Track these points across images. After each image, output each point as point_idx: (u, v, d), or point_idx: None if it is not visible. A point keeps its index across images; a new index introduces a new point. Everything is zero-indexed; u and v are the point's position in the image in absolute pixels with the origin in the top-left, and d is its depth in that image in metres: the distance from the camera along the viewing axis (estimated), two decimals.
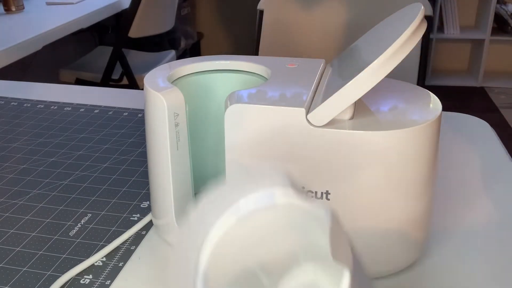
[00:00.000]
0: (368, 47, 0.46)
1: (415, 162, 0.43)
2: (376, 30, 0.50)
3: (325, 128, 0.42)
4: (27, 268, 0.49)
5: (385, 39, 0.42)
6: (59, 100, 0.88)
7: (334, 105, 0.42)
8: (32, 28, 1.60)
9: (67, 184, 0.63)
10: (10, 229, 0.55)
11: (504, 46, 3.22)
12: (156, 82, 0.49)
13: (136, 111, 0.83)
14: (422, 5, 0.44)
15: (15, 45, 1.45)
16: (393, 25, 0.46)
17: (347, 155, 0.42)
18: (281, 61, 0.53)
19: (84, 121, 0.80)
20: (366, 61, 0.41)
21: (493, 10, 2.95)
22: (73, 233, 0.54)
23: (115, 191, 0.61)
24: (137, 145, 0.72)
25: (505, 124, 2.70)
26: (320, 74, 0.50)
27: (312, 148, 0.43)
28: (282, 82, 0.48)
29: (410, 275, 0.47)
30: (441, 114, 0.45)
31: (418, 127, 0.42)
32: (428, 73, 3.24)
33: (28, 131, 0.77)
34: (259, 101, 0.44)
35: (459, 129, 0.75)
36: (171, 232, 0.51)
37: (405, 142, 0.42)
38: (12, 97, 0.90)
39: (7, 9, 1.81)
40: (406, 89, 0.50)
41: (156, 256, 0.51)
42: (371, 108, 0.45)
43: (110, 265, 0.49)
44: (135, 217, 0.56)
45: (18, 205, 0.59)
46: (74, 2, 1.96)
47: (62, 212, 0.57)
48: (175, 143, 0.48)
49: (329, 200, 0.44)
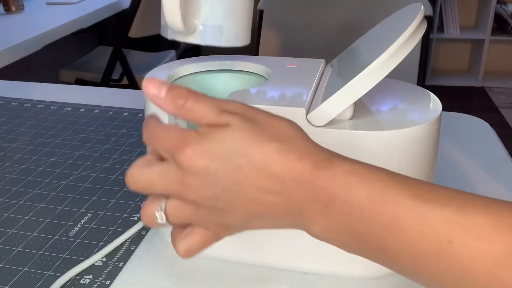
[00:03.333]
0: (368, 47, 0.46)
1: (415, 162, 0.43)
2: (376, 30, 0.50)
3: (325, 128, 0.42)
4: (27, 268, 0.49)
5: (385, 39, 0.42)
6: (59, 100, 0.88)
7: (334, 105, 0.42)
8: (32, 28, 1.60)
9: (67, 184, 0.63)
10: (10, 229, 0.55)
11: (504, 46, 3.22)
12: None
13: (136, 111, 0.83)
14: (422, 5, 0.44)
15: (15, 45, 1.45)
16: (393, 25, 0.46)
17: (347, 155, 0.42)
18: (281, 61, 0.53)
19: (84, 121, 0.80)
20: (366, 61, 0.41)
21: (493, 10, 2.95)
22: (73, 233, 0.54)
23: (115, 191, 0.61)
24: (137, 145, 0.72)
25: (505, 124, 2.70)
26: (320, 74, 0.50)
27: None
28: (282, 82, 0.48)
29: None
30: (441, 114, 0.45)
31: (418, 127, 0.42)
32: (428, 73, 3.24)
33: (28, 131, 0.77)
34: (259, 101, 0.44)
35: (459, 129, 0.75)
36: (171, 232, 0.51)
37: (405, 142, 0.42)
38: (12, 97, 0.90)
39: (7, 9, 1.81)
40: (406, 89, 0.50)
41: (156, 256, 0.51)
42: (371, 108, 0.45)
43: (110, 265, 0.49)
44: (135, 217, 0.56)
45: (18, 205, 0.59)
46: (74, 2, 1.95)
47: (62, 212, 0.57)
48: None
49: None
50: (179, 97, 0.34)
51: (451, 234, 0.28)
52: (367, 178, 0.31)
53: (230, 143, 0.32)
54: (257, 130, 0.32)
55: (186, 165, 0.32)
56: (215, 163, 0.32)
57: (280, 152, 0.32)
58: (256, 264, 0.49)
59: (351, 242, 0.32)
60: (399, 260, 0.30)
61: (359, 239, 0.31)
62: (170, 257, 0.50)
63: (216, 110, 0.33)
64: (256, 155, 0.32)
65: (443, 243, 0.28)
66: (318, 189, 0.31)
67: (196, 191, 0.33)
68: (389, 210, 0.30)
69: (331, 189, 0.31)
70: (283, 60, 0.53)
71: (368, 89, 0.41)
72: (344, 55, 0.53)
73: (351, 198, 0.31)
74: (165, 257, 0.50)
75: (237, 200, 0.33)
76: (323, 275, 0.47)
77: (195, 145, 0.32)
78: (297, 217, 0.33)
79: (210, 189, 0.32)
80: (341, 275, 0.47)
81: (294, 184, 0.32)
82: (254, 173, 0.32)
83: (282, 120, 0.34)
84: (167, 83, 0.34)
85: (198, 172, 0.32)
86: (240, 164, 0.32)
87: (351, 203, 0.31)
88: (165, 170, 0.34)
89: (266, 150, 0.32)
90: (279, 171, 0.32)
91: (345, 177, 0.31)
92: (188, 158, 0.32)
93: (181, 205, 0.34)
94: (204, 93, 0.34)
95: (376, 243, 0.30)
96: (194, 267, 0.49)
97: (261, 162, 0.32)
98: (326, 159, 0.32)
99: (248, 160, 0.32)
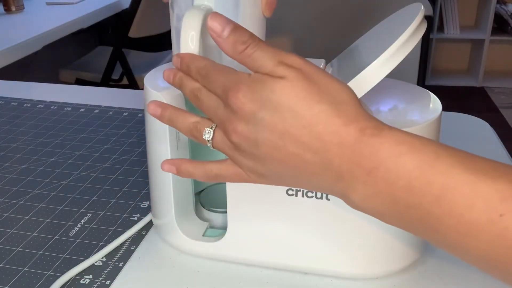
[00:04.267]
0: (368, 47, 0.46)
1: None
2: (376, 30, 0.50)
3: None
4: (27, 268, 0.49)
5: (385, 39, 0.42)
6: (59, 100, 0.88)
7: None
8: (32, 28, 1.60)
9: (67, 184, 0.63)
10: (10, 229, 0.55)
11: (504, 46, 3.22)
12: (156, 82, 0.49)
13: (136, 111, 0.83)
14: (422, 5, 0.44)
15: (15, 45, 1.45)
16: (393, 25, 0.46)
17: None
18: None
19: (84, 121, 0.80)
20: (366, 61, 0.41)
21: (493, 10, 2.95)
22: (73, 233, 0.54)
23: (115, 191, 0.61)
24: (137, 145, 0.72)
25: (505, 124, 2.70)
26: None
27: None
28: None
29: (410, 275, 0.47)
30: (441, 114, 0.45)
31: (418, 127, 0.42)
32: (428, 73, 3.24)
33: (28, 131, 0.77)
34: None
35: (459, 129, 0.75)
36: (171, 232, 0.51)
37: None
38: (12, 97, 0.90)
39: (7, 9, 1.81)
40: (406, 89, 0.50)
41: (156, 256, 0.51)
42: (371, 108, 0.45)
43: (110, 265, 0.49)
44: (135, 217, 0.56)
45: (18, 205, 0.59)
46: (74, 2, 1.95)
47: (62, 212, 0.57)
48: (175, 143, 0.48)
49: (329, 200, 0.44)
50: (240, 43, 0.34)
51: (502, 208, 0.28)
52: (417, 147, 0.31)
53: (281, 95, 0.32)
54: (311, 88, 0.33)
55: (235, 108, 0.33)
56: (262, 111, 0.33)
57: (327, 114, 0.32)
58: (256, 264, 0.49)
59: (392, 212, 0.31)
60: (442, 232, 0.30)
61: (402, 210, 0.31)
62: (170, 257, 0.50)
63: (274, 60, 0.34)
64: (303, 113, 0.32)
65: (494, 216, 0.28)
66: (362, 156, 0.31)
67: (240, 135, 0.34)
68: (439, 181, 0.29)
69: (377, 157, 0.31)
70: None
71: (368, 89, 0.41)
72: (344, 55, 0.52)
73: (399, 167, 0.30)
74: (165, 257, 0.50)
75: (276, 152, 0.33)
76: (323, 275, 0.47)
77: (246, 90, 0.33)
78: (334, 181, 0.33)
79: (253, 135, 0.33)
80: (341, 275, 0.47)
81: (336, 147, 0.32)
82: (298, 129, 0.32)
83: (337, 82, 0.34)
84: (232, 22, 0.35)
85: (245, 117, 0.33)
86: (286, 117, 0.32)
87: (397, 172, 0.30)
88: (218, 105, 0.35)
89: (314, 110, 0.32)
90: (323, 132, 0.32)
91: (393, 145, 0.31)
92: (238, 102, 0.33)
93: (225, 139, 0.35)
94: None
95: (421, 214, 0.30)
96: (194, 268, 0.49)
97: (307, 120, 0.32)
98: (374, 126, 0.32)
99: (295, 116, 0.32)
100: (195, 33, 0.38)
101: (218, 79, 0.35)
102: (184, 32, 0.38)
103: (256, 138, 0.33)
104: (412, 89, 0.49)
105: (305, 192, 0.44)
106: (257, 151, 0.34)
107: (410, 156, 0.30)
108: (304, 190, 0.44)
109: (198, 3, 0.40)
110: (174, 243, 0.51)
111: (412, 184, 0.30)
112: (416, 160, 0.30)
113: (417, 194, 0.30)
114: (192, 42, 0.37)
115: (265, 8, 0.44)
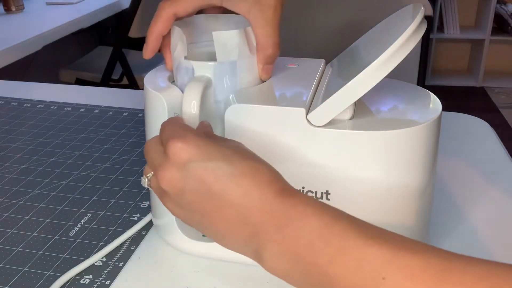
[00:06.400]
0: (368, 47, 0.46)
1: (415, 162, 0.43)
2: (376, 30, 0.50)
3: (325, 128, 0.42)
4: (27, 268, 0.49)
5: (385, 39, 0.42)
6: (59, 100, 0.88)
7: (334, 105, 0.42)
8: (32, 28, 1.60)
9: (67, 184, 0.63)
10: (10, 229, 0.55)
11: (504, 46, 3.22)
12: (156, 82, 0.49)
13: (136, 111, 0.83)
14: (422, 5, 0.44)
15: (15, 45, 1.45)
16: (393, 25, 0.46)
17: (347, 155, 0.42)
18: (281, 61, 0.53)
19: (84, 121, 0.80)
20: (366, 61, 0.41)
21: (493, 10, 2.95)
22: (73, 233, 0.54)
23: (115, 191, 0.61)
24: (137, 145, 0.72)
25: (505, 124, 2.70)
26: (320, 74, 0.50)
27: (312, 148, 0.43)
28: (282, 82, 0.48)
29: None
30: (441, 114, 0.45)
31: (418, 127, 0.42)
32: (428, 73, 3.24)
33: (28, 131, 0.77)
34: (259, 101, 0.44)
35: (459, 129, 0.75)
36: (171, 232, 0.51)
37: (405, 142, 0.42)
38: (12, 97, 0.90)
39: (7, 9, 1.81)
40: (406, 89, 0.50)
41: (156, 256, 0.51)
42: (371, 108, 0.45)
43: (110, 265, 0.49)
44: (135, 217, 0.56)
45: (18, 205, 0.59)
46: (74, 2, 1.95)
47: (62, 212, 0.57)
48: None
49: (329, 200, 0.44)
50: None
51: (384, 271, 0.30)
52: (321, 211, 0.33)
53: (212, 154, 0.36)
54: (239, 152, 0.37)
55: (170, 153, 0.36)
56: (196, 162, 0.36)
57: (254, 170, 0.35)
58: (256, 264, 0.49)
59: (296, 271, 0.33)
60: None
61: (304, 268, 0.33)
62: (170, 257, 0.50)
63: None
64: (227, 170, 0.35)
65: (378, 279, 0.30)
66: (278, 212, 0.34)
67: (168, 181, 0.36)
68: (335, 242, 0.32)
69: (289, 215, 0.33)
70: (283, 60, 0.53)
71: (368, 89, 0.41)
72: (344, 55, 0.52)
73: (304, 225, 0.33)
74: (165, 257, 0.50)
75: (198, 203, 0.36)
76: None
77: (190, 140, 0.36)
78: (249, 236, 0.35)
79: (181, 183, 0.36)
80: None
81: (256, 202, 0.34)
82: (222, 184, 0.35)
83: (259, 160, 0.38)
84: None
85: (178, 163, 0.36)
86: (215, 168, 0.35)
87: (303, 230, 0.33)
88: (159, 153, 0.38)
89: (243, 164, 0.35)
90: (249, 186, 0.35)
91: (303, 206, 0.34)
92: (176, 148, 0.36)
93: (157, 184, 0.38)
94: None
95: (319, 273, 0.32)
96: (193, 268, 0.49)
97: (230, 175, 0.35)
98: (290, 189, 0.35)
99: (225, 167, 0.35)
100: (196, 102, 0.43)
101: (168, 128, 0.39)
102: (187, 101, 0.43)
103: (184, 187, 0.36)
104: (412, 89, 0.49)
105: (305, 192, 0.44)
106: (182, 200, 0.37)
107: (315, 217, 0.33)
108: (304, 190, 0.44)
109: (198, 75, 0.46)
110: (174, 243, 0.51)
111: (313, 243, 0.32)
112: (319, 221, 0.33)
113: (316, 253, 0.32)
114: (194, 109, 0.43)
115: (261, 73, 0.48)
